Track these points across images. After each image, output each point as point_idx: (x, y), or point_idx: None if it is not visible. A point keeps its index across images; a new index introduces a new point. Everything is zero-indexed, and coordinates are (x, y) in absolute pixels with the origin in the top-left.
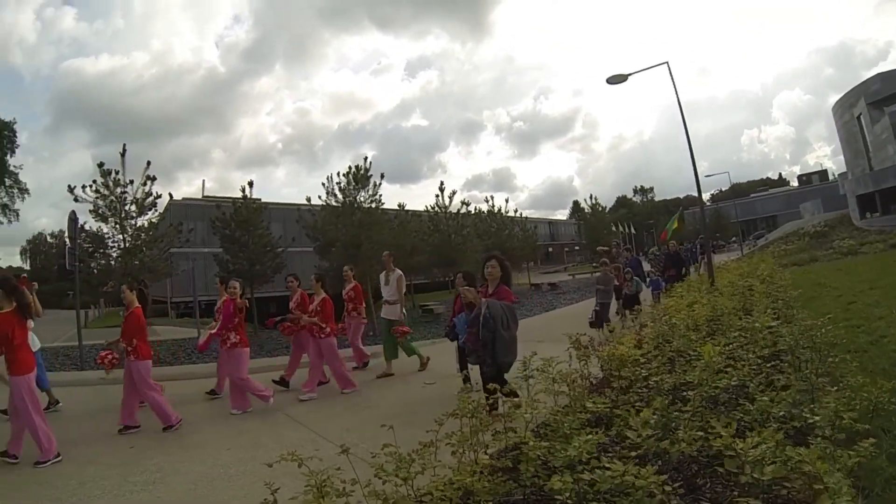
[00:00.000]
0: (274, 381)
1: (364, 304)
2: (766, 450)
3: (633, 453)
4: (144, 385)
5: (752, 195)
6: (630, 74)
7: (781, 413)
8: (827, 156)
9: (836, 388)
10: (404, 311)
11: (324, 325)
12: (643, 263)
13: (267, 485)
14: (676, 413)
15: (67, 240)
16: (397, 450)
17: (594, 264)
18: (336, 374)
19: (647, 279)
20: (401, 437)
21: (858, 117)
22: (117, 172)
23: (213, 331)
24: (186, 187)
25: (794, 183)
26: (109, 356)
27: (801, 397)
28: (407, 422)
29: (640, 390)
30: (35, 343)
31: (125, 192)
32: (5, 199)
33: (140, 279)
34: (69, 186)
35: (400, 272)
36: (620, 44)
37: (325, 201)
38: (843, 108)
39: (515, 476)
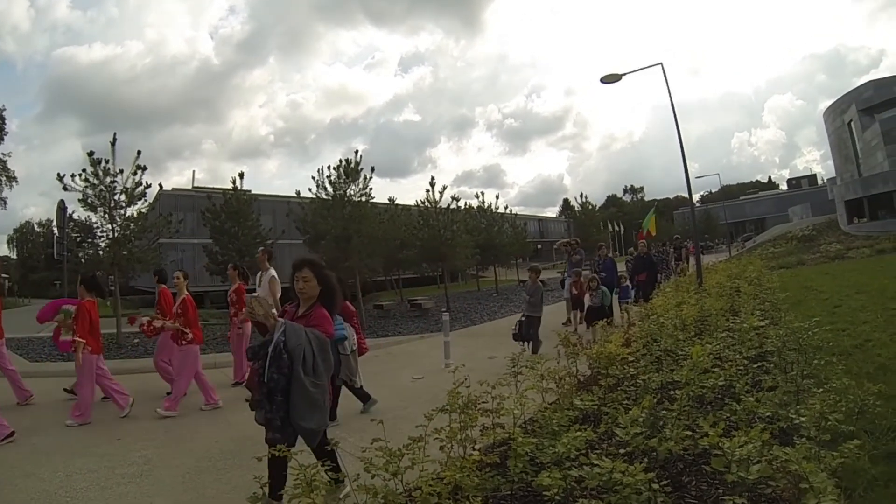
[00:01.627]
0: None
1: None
2: (753, 449)
3: (622, 451)
4: None
5: (742, 197)
6: (624, 74)
7: (767, 413)
8: (816, 161)
9: (821, 389)
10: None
11: (186, 331)
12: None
13: (256, 478)
14: (664, 412)
15: (56, 229)
16: (386, 444)
17: (576, 260)
18: (176, 389)
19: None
20: (390, 431)
21: (849, 123)
22: (107, 162)
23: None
24: (177, 177)
25: (784, 186)
26: None
27: (786, 398)
28: (396, 416)
29: (627, 388)
30: None
31: (115, 182)
32: None
33: None
34: (58, 175)
35: (273, 272)
36: (612, 44)
37: (316, 194)
38: (835, 113)
39: (503, 471)
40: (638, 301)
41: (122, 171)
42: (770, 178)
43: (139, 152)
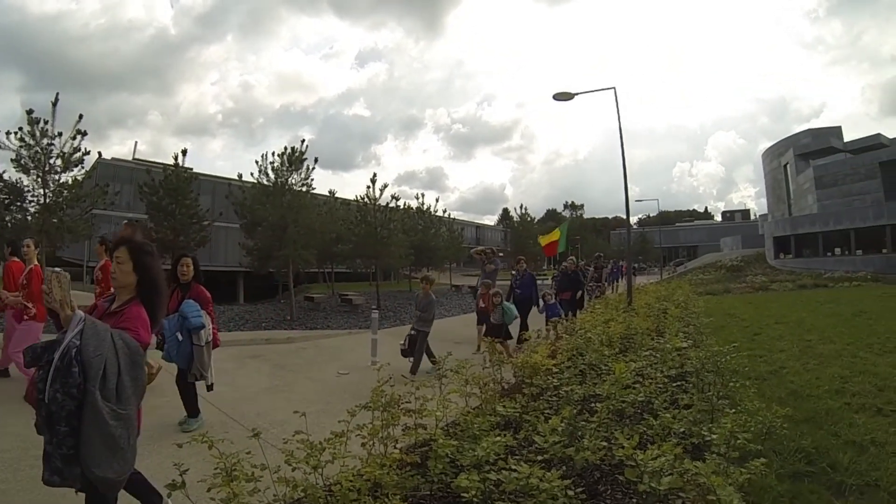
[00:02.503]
0: None
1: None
2: (665, 462)
3: (540, 457)
4: None
5: (678, 224)
6: (577, 94)
7: (682, 430)
8: (751, 197)
9: (734, 410)
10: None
11: (29, 305)
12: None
13: (176, 465)
14: (583, 423)
15: None
16: (308, 437)
17: (513, 271)
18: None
19: (542, 302)
20: (313, 425)
21: (785, 166)
22: (46, 122)
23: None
24: (118, 146)
25: (718, 218)
26: None
27: (701, 416)
28: (320, 410)
29: (549, 398)
30: None
31: (52, 145)
32: None
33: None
34: None
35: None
36: (567, 65)
37: (257, 179)
38: (773, 155)
39: (424, 472)
40: (567, 318)
41: (60, 134)
42: (706, 208)
43: (81, 116)
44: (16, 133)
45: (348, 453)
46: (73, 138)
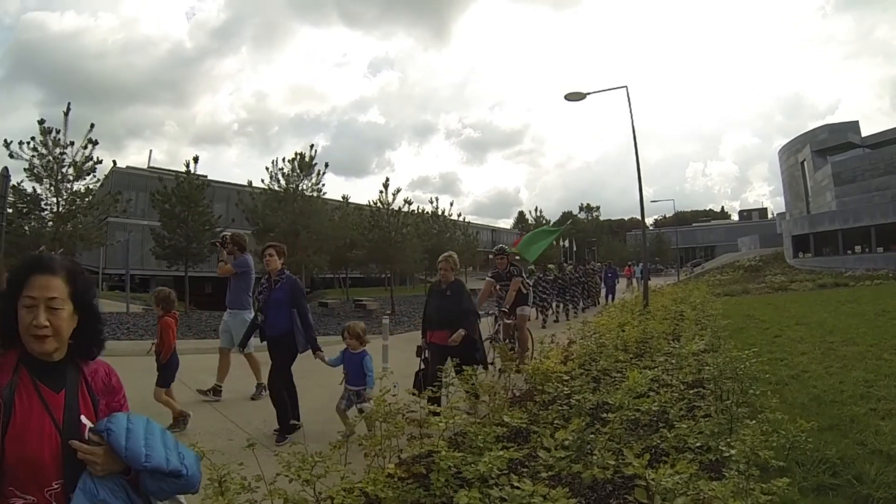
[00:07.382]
0: None
1: None
2: (679, 481)
3: (545, 473)
4: None
5: (695, 224)
6: (589, 94)
7: (698, 444)
8: (766, 195)
9: (754, 420)
10: None
11: None
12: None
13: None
14: (592, 436)
15: None
16: (305, 448)
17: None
18: None
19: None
20: (319, 433)
21: (802, 163)
22: (58, 132)
23: None
24: (135, 156)
25: (735, 217)
26: None
27: (719, 428)
28: (327, 419)
29: (560, 407)
30: None
31: (64, 154)
32: None
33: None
34: (5, 141)
35: None
36: (575, 69)
37: (268, 186)
38: (789, 152)
39: (427, 484)
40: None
41: (72, 144)
42: (723, 207)
43: (92, 125)
44: (28, 143)
45: (349, 463)
46: (85, 147)
